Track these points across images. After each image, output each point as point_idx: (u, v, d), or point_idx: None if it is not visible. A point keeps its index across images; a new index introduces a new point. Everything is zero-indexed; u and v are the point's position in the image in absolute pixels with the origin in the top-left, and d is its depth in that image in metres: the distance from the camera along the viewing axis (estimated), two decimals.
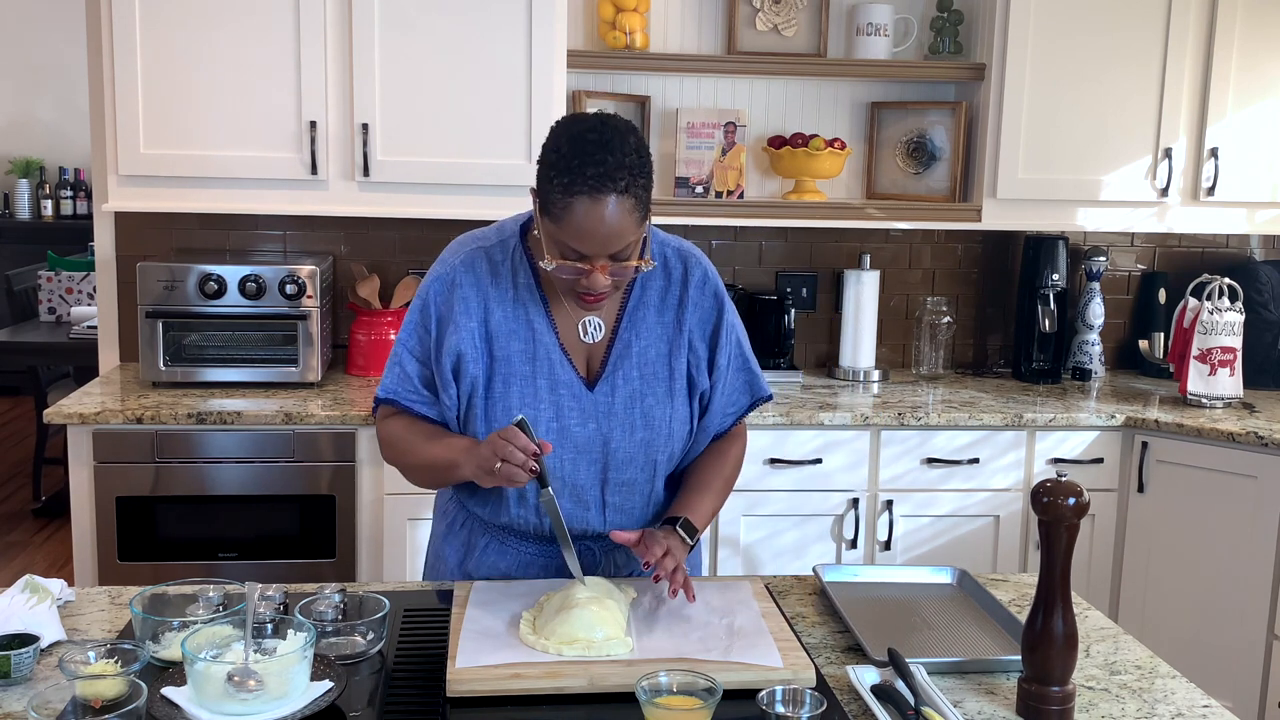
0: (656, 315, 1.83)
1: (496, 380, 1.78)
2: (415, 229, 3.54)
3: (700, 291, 1.84)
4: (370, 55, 3.08)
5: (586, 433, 1.79)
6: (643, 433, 1.80)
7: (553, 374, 1.78)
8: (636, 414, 1.80)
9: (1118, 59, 3.35)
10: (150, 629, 1.56)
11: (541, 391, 1.77)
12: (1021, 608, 1.83)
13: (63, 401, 2.94)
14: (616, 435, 1.79)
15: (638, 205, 1.64)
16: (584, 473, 1.80)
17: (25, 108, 7.79)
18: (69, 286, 5.62)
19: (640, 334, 1.82)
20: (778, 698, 1.42)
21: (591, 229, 1.62)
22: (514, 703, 1.48)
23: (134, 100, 3.04)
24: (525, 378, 1.77)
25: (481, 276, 1.79)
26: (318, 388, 3.19)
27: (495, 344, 1.78)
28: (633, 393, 1.80)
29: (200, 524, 2.96)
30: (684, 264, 1.85)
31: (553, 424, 1.77)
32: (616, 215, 1.62)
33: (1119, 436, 3.24)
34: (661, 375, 1.81)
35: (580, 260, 1.66)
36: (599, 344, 1.81)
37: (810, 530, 3.15)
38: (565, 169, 1.62)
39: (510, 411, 1.76)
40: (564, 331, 1.80)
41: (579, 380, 1.79)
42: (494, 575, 1.90)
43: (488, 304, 1.78)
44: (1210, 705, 1.54)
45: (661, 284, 1.83)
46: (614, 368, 1.80)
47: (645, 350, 1.81)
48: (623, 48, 3.33)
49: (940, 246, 3.77)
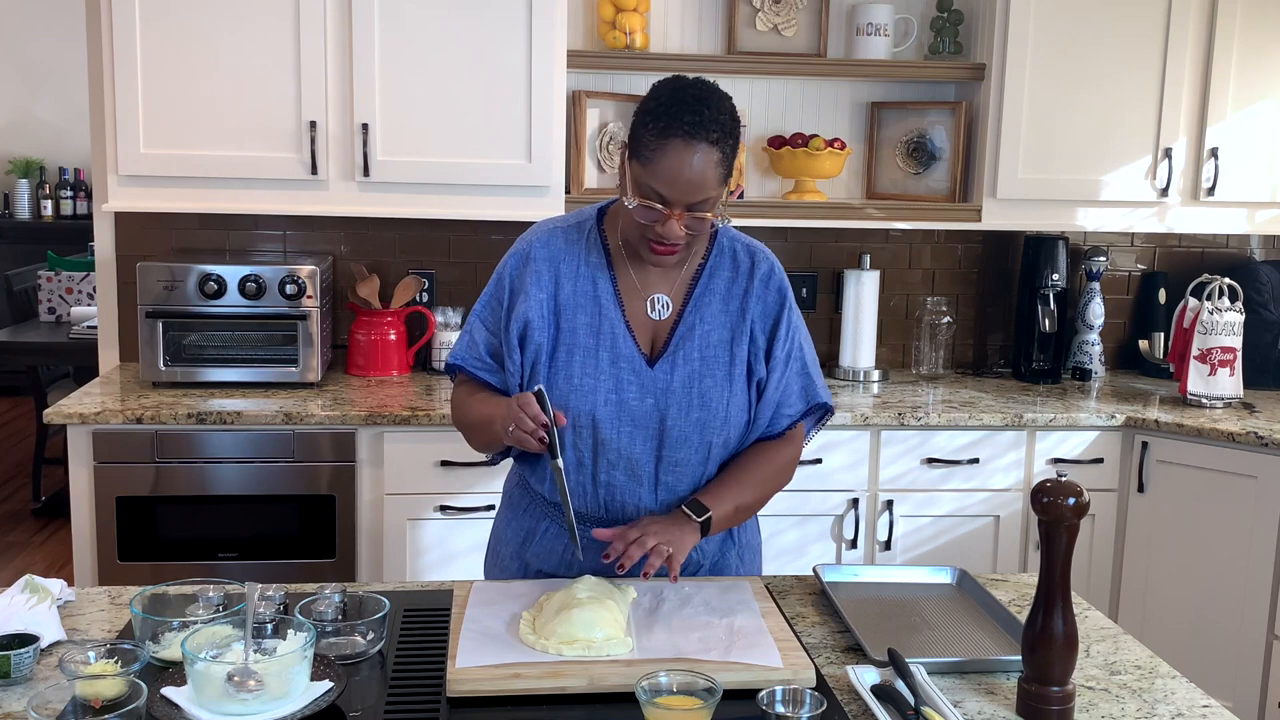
0: (722, 304, 1.88)
1: (561, 350, 1.84)
2: (415, 229, 3.54)
3: (765, 285, 1.90)
4: (370, 55, 3.08)
5: (644, 408, 1.83)
6: (699, 413, 1.84)
7: (615, 348, 1.84)
8: (694, 394, 1.84)
9: (1118, 59, 3.35)
10: (150, 629, 1.56)
11: (603, 364, 1.83)
12: (1021, 608, 1.83)
13: (63, 401, 2.94)
14: (673, 413, 1.83)
15: (723, 161, 1.73)
16: (639, 447, 1.84)
17: (25, 108, 7.79)
18: (69, 286, 5.62)
19: (704, 318, 1.87)
20: (778, 698, 1.42)
21: (678, 173, 1.70)
22: (514, 703, 1.48)
23: (134, 100, 3.04)
24: (588, 349, 1.83)
25: (555, 252, 1.87)
26: (318, 388, 3.19)
27: (562, 316, 1.85)
28: (692, 373, 1.84)
29: (200, 524, 2.96)
30: (751, 258, 1.91)
31: (611, 396, 1.83)
32: (702, 164, 1.70)
33: (1119, 436, 3.24)
34: (722, 359, 1.86)
35: (661, 204, 1.72)
36: (664, 324, 1.87)
37: (810, 530, 3.15)
38: (663, 114, 1.72)
39: (571, 380, 1.82)
40: (631, 309, 1.86)
41: (640, 356, 1.84)
42: (550, 561, 1.93)
43: (559, 278, 1.86)
44: (1210, 705, 1.54)
45: (729, 274, 1.89)
46: (675, 347, 1.85)
47: (708, 334, 1.86)
48: (623, 48, 3.33)
49: (940, 246, 3.77)
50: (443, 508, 2.99)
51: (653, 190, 1.72)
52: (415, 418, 2.95)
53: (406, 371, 3.45)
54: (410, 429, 2.96)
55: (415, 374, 3.45)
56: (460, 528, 3.01)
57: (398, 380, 3.35)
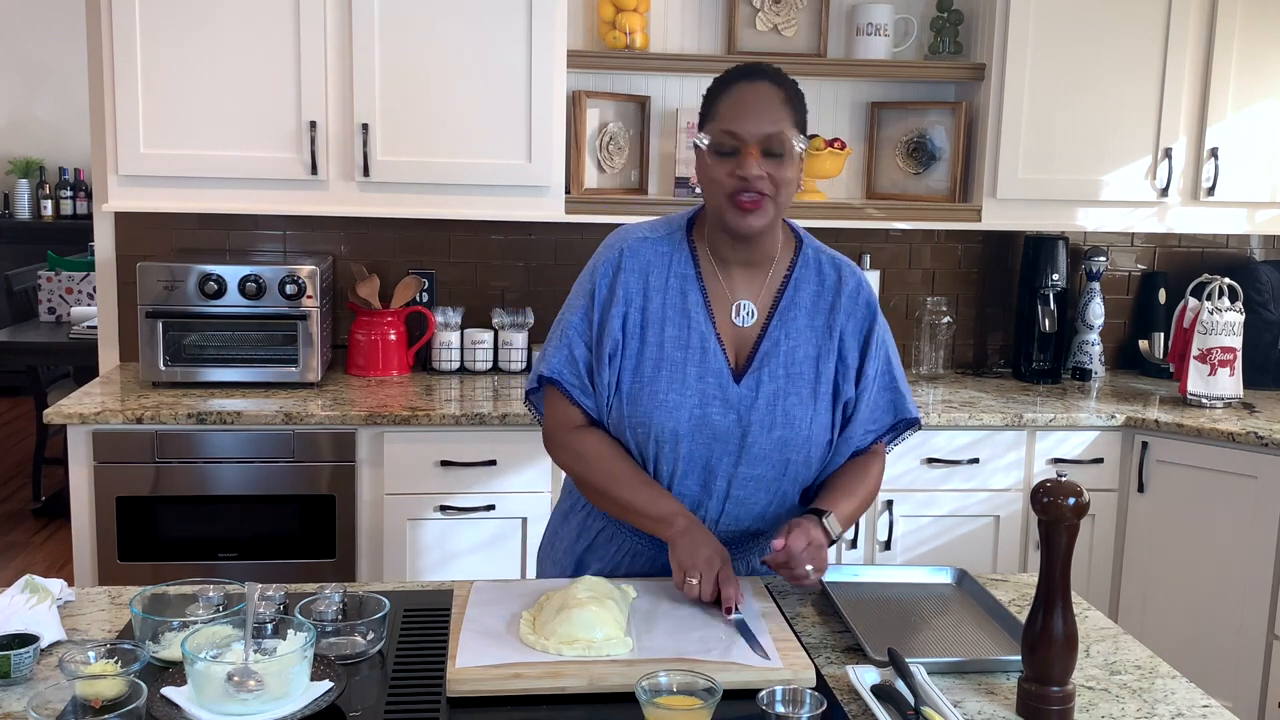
0: (808, 318, 1.86)
1: (647, 364, 1.82)
2: (415, 229, 3.54)
3: (854, 300, 1.88)
4: (370, 55, 3.08)
5: (726, 423, 1.82)
6: (781, 430, 1.82)
7: (704, 362, 1.82)
8: (778, 411, 1.82)
9: (1118, 59, 3.35)
10: (150, 629, 1.56)
11: (690, 379, 1.82)
12: (1021, 608, 1.83)
13: (63, 401, 2.94)
14: (754, 430, 1.82)
15: (790, 100, 1.76)
16: (716, 460, 1.83)
17: (25, 108, 7.79)
18: (69, 286, 5.62)
19: (790, 333, 1.85)
20: (778, 698, 1.42)
21: (745, 103, 1.74)
22: (514, 703, 1.48)
23: (134, 100, 3.04)
24: (676, 364, 1.82)
25: (645, 263, 1.85)
26: (318, 388, 3.19)
27: (649, 330, 1.83)
28: (777, 390, 1.83)
29: (200, 524, 2.96)
30: (838, 271, 1.89)
31: (696, 412, 1.81)
32: (769, 95, 1.74)
33: (1119, 436, 3.24)
34: (807, 376, 1.84)
35: (735, 143, 1.73)
36: (748, 337, 1.85)
37: None
38: (722, 79, 1.79)
39: (656, 396, 1.81)
40: (720, 320, 1.85)
41: (728, 370, 1.83)
42: (604, 563, 1.94)
43: (648, 291, 1.84)
44: (1210, 705, 1.54)
45: (815, 288, 1.87)
46: (760, 364, 1.83)
47: (793, 350, 1.84)
48: (623, 48, 3.33)
49: (940, 246, 3.77)
50: (443, 508, 2.99)
51: (725, 134, 1.74)
52: (415, 418, 2.95)
53: (406, 371, 3.45)
54: (410, 429, 2.96)
55: (415, 374, 3.45)
56: (460, 528, 3.01)
57: (398, 380, 3.35)
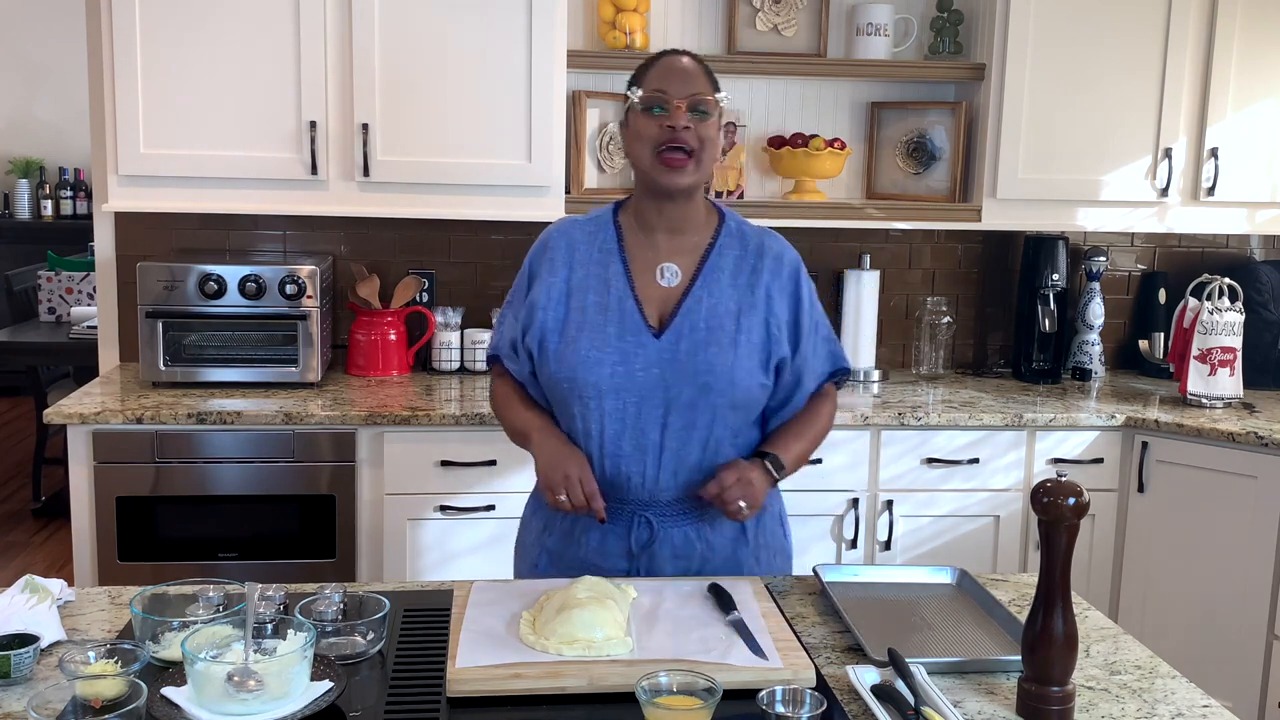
0: (730, 279, 1.97)
1: (570, 326, 1.94)
2: (415, 229, 3.54)
3: (778, 261, 2.00)
4: (370, 55, 3.08)
5: (649, 378, 1.91)
6: (705, 378, 1.90)
7: (622, 322, 1.93)
8: (699, 361, 1.90)
9: (1118, 59, 3.35)
10: (150, 629, 1.56)
11: (610, 338, 1.92)
12: (1021, 608, 1.83)
13: (63, 401, 2.94)
14: (677, 381, 1.90)
15: (709, 76, 1.94)
16: (646, 416, 1.92)
17: (25, 108, 7.79)
18: (69, 286, 5.62)
19: (712, 291, 1.96)
20: (778, 698, 1.42)
21: (672, 66, 1.93)
22: (514, 703, 1.48)
23: (134, 100, 3.04)
24: (597, 326, 1.93)
25: (571, 241, 2.01)
26: (318, 388, 3.19)
27: (574, 297, 1.96)
28: (697, 342, 1.92)
29: (200, 524, 2.96)
30: (760, 238, 2.03)
31: (619, 368, 1.90)
32: (692, 65, 1.93)
33: (1119, 436, 3.24)
34: (728, 329, 1.93)
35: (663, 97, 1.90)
36: (672, 296, 1.95)
37: (810, 530, 3.15)
38: (648, 60, 1.98)
39: (579, 354, 1.91)
40: (641, 284, 1.96)
41: (647, 329, 1.93)
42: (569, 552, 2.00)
43: (573, 264, 1.98)
44: (1210, 705, 1.54)
45: (738, 253, 2.00)
46: (682, 319, 1.93)
47: (715, 306, 1.94)
48: (623, 48, 3.33)
49: (940, 246, 3.77)
50: (443, 508, 2.99)
51: (656, 92, 1.90)
52: (415, 418, 2.95)
53: (406, 371, 3.45)
54: (410, 429, 2.96)
55: (415, 374, 3.45)
56: (460, 528, 3.01)
57: (398, 380, 3.35)
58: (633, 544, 1.95)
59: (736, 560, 2.01)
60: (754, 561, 2.03)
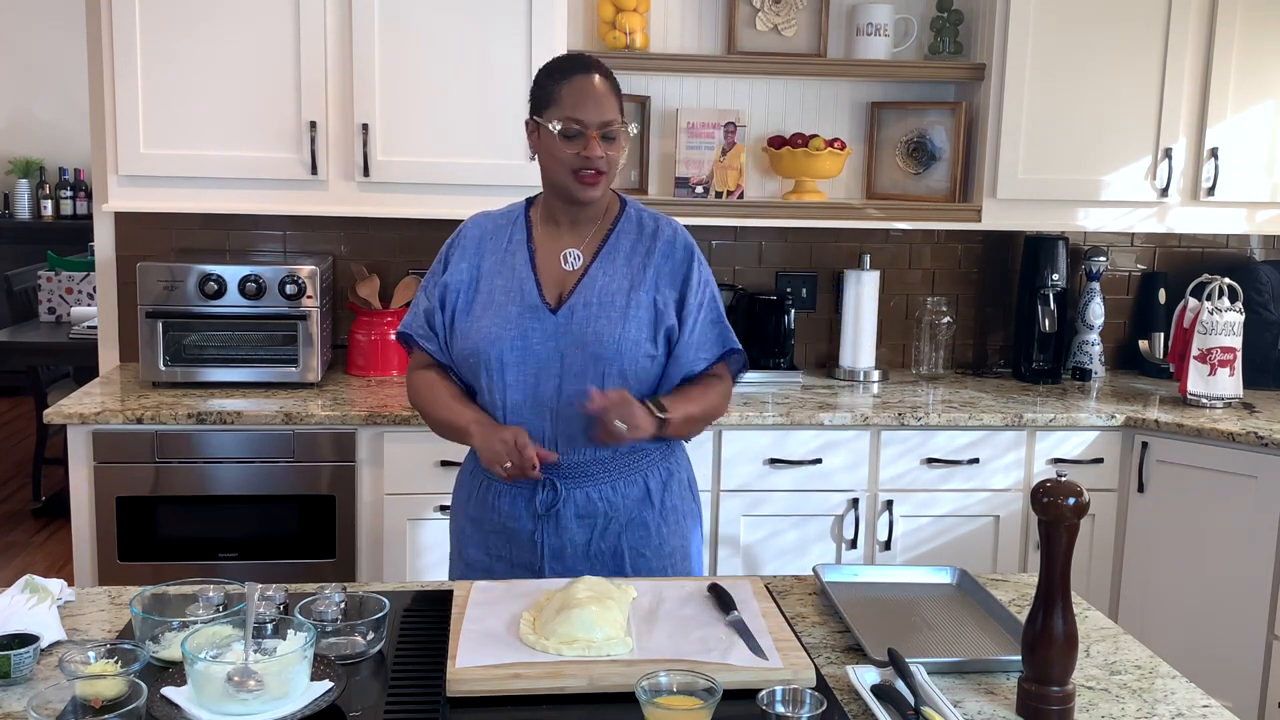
0: (625, 259, 2.11)
1: (477, 306, 2.10)
2: (415, 229, 3.54)
3: (670, 244, 2.13)
4: (370, 55, 3.08)
5: (547, 350, 2.06)
6: (594, 348, 2.04)
7: (523, 301, 2.08)
8: (589, 332, 2.05)
9: (1118, 59, 3.35)
10: (150, 629, 1.56)
11: (510, 315, 2.07)
12: (1021, 608, 1.83)
13: (63, 401, 2.94)
14: (570, 351, 2.05)
15: (616, 90, 2.06)
16: (544, 384, 2.06)
17: (25, 108, 7.79)
18: (69, 286, 5.62)
19: (606, 271, 2.10)
20: (778, 698, 1.42)
21: (586, 92, 2.01)
22: (514, 703, 1.48)
23: (134, 100, 3.04)
24: (500, 305, 2.08)
25: (485, 231, 2.17)
26: (318, 388, 3.19)
27: (482, 281, 2.12)
28: (589, 315, 2.06)
29: (200, 524, 2.96)
30: (655, 223, 2.15)
31: (518, 341, 2.06)
32: (602, 87, 2.03)
33: (1119, 436, 3.24)
34: (619, 304, 2.07)
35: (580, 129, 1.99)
36: (572, 277, 2.10)
37: (810, 530, 3.15)
38: (554, 70, 2.06)
39: (482, 330, 2.06)
40: (545, 268, 2.11)
41: (545, 305, 2.07)
42: (486, 518, 2.13)
43: (483, 252, 2.14)
44: (1210, 705, 1.54)
45: (634, 237, 2.14)
46: (577, 296, 2.08)
47: (608, 284, 2.09)
48: (623, 48, 3.33)
49: (940, 246, 3.77)
50: (443, 508, 2.99)
51: (569, 120, 2.00)
52: (415, 418, 2.95)
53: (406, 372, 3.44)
54: (410, 429, 2.96)
55: None
56: None
57: (398, 380, 3.35)
58: (539, 505, 2.06)
59: (643, 521, 2.11)
60: (661, 522, 2.13)
